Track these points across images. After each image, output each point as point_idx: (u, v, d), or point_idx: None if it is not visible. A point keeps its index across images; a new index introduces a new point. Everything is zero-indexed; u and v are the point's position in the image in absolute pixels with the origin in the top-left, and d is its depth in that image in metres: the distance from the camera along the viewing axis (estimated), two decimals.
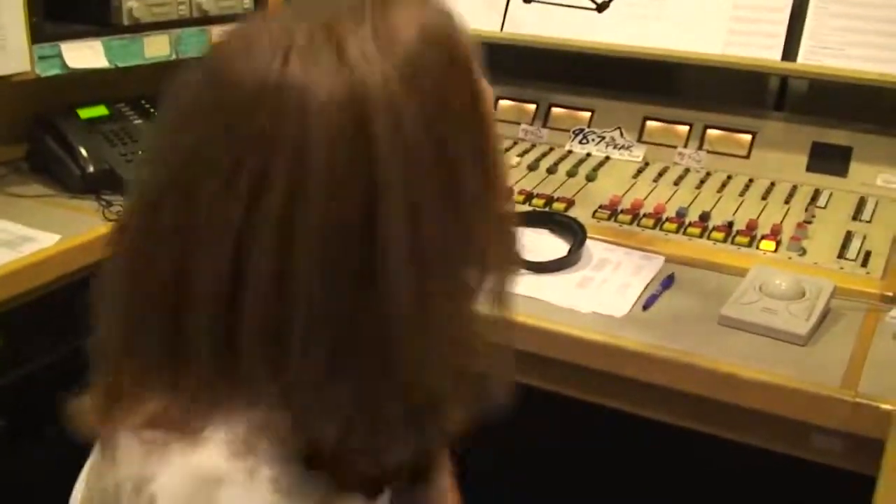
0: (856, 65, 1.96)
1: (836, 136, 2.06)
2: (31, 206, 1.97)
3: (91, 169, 2.03)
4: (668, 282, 1.71)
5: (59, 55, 2.04)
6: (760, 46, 2.02)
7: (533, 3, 1.80)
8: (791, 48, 2.01)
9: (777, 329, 1.53)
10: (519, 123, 2.33)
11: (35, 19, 2.00)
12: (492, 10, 2.24)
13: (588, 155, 2.21)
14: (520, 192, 2.03)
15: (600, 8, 1.77)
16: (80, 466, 0.93)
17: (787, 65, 2.00)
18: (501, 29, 2.22)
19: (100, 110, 2.17)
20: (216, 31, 2.27)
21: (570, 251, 1.77)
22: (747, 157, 2.10)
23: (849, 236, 1.83)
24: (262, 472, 0.79)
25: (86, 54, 2.09)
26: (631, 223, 1.91)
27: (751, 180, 2.05)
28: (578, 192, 2.05)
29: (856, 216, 1.90)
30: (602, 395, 1.59)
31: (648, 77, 2.25)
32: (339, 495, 0.83)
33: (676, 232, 1.87)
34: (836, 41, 1.97)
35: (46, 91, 2.10)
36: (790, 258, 1.78)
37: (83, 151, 2.05)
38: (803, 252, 1.79)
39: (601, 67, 2.24)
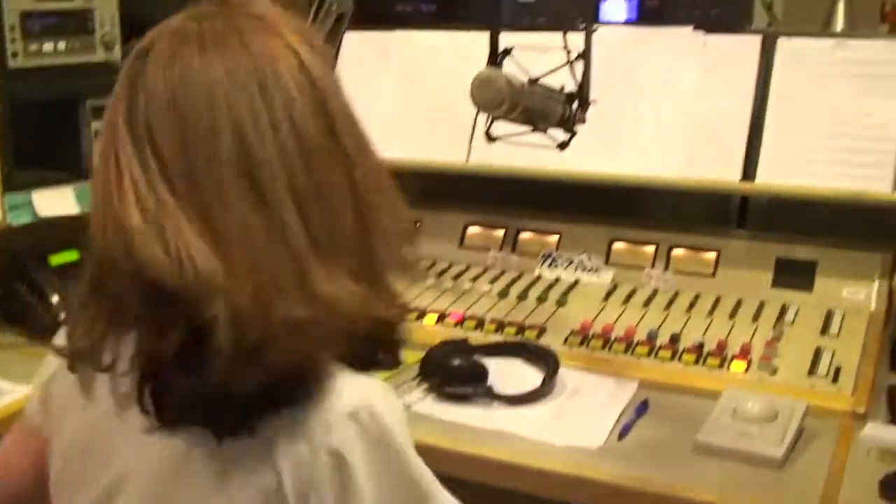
0: (813, 182, 2.00)
1: (800, 251, 2.09)
2: (2, 355, 1.97)
3: (63, 316, 2.03)
4: (642, 408, 1.71)
5: (31, 203, 2.07)
6: (720, 167, 2.07)
7: (496, 143, 1.84)
8: (750, 167, 2.06)
9: (752, 453, 1.54)
10: (488, 250, 2.36)
11: (6, 169, 2.03)
12: (457, 143, 2.28)
13: (557, 279, 2.23)
14: (491, 321, 2.05)
15: (562, 146, 1.81)
16: None
17: (747, 185, 2.05)
18: (467, 160, 2.27)
19: (71, 255, 2.18)
20: None
21: (543, 382, 1.77)
22: (713, 275, 2.13)
23: (818, 352, 1.84)
24: None
25: (57, 202, 2.12)
26: (603, 348, 1.92)
27: (718, 299, 2.07)
28: (549, 318, 2.06)
29: (823, 331, 1.92)
30: None
31: (613, 200, 2.29)
32: None
33: (648, 355, 1.88)
34: (794, 159, 2.02)
35: (17, 237, 2.11)
36: (761, 378, 1.79)
37: (55, 299, 2.05)
38: (774, 371, 1.80)
39: (567, 192, 2.28)
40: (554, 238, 2.32)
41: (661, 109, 2.15)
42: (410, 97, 2.39)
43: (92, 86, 2.15)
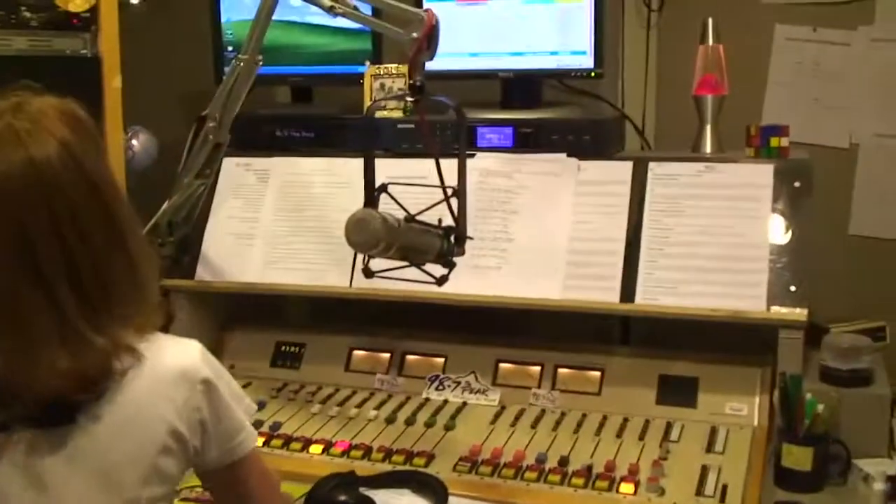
0: (690, 301, 2.05)
1: (682, 368, 2.13)
2: None
3: None
4: None
5: None
6: (598, 289, 2.10)
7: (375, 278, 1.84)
8: (628, 289, 2.09)
9: None
10: (374, 374, 2.33)
11: None
12: (339, 267, 2.28)
13: (445, 402, 2.21)
14: (379, 450, 2.01)
15: (440, 282, 1.82)
16: None
17: (626, 306, 2.08)
18: (350, 285, 2.26)
19: None
20: None
21: None
22: (598, 393, 2.15)
23: (704, 471, 1.86)
24: None
25: None
26: (492, 475, 1.90)
27: (605, 417, 2.08)
28: (438, 443, 2.04)
29: (709, 448, 1.95)
30: None
31: (498, 320, 2.30)
32: None
33: (537, 480, 1.87)
34: (669, 280, 2.07)
35: None
36: (650, 500, 1.80)
37: None
38: (662, 492, 1.81)
39: (451, 314, 2.27)
40: (440, 360, 2.31)
41: (538, 233, 2.19)
42: (291, 221, 2.37)
43: None
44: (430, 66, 1.88)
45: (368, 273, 1.82)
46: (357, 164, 2.33)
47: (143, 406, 1.31)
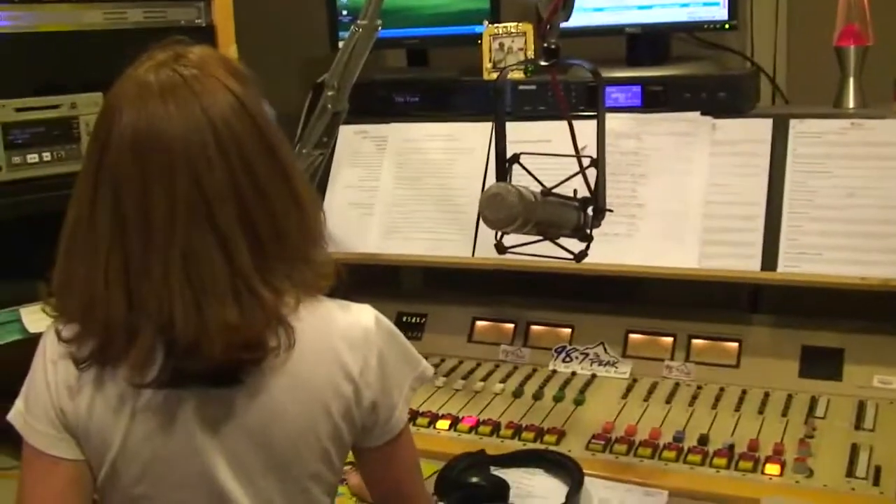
0: (835, 269, 1.92)
1: (826, 339, 2.01)
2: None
3: None
4: None
5: (19, 320, 1.98)
6: (738, 257, 1.99)
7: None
8: (769, 256, 1.97)
9: None
10: (498, 344, 2.27)
11: None
12: (461, 235, 2.21)
13: (573, 374, 2.14)
14: (508, 426, 1.95)
15: (578, 258, 1.72)
16: None
17: (768, 274, 1.96)
18: (473, 254, 2.19)
19: None
20: None
21: (567, 497, 1.67)
22: (737, 365, 2.04)
23: (855, 450, 1.75)
24: None
25: (47, 317, 2.03)
26: (627, 453, 1.82)
27: (744, 391, 1.98)
28: (568, 419, 1.97)
29: (858, 425, 1.83)
30: None
31: (626, 288, 2.21)
32: None
33: (676, 460, 1.78)
34: (814, 246, 1.95)
35: (5, 355, 2.02)
36: (797, 482, 1.69)
37: None
38: (810, 473, 1.71)
39: (577, 282, 2.19)
40: (567, 331, 2.23)
41: (671, 197, 2.08)
42: (411, 189, 2.31)
43: None
44: None
45: (501, 249, 1.74)
46: (478, 128, 2.29)
47: (312, 374, 1.26)
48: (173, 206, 1.15)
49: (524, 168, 1.76)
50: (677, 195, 2.08)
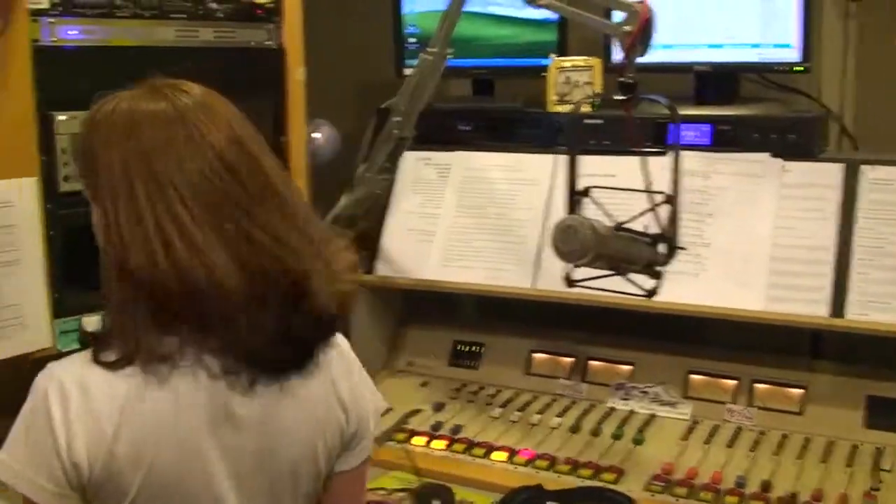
0: None
1: (892, 390, 1.97)
2: None
3: None
4: None
5: (81, 328, 1.99)
6: (805, 302, 1.96)
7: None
8: (837, 302, 1.94)
9: None
10: (556, 378, 2.25)
11: (56, 294, 1.95)
12: (521, 266, 2.20)
13: (632, 412, 2.11)
14: (565, 461, 1.93)
15: (650, 294, 1.71)
16: None
17: (837, 321, 1.93)
18: (532, 285, 2.17)
19: None
20: None
21: None
22: (800, 412, 2.01)
23: None
24: None
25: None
26: (688, 497, 1.79)
27: (807, 439, 1.94)
28: (626, 458, 1.94)
29: None
30: None
31: (688, 329, 2.18)
32: None
33: None
34: (883, 295, 1.91)
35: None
36: None
37: None
38: None
39: (639, 318, 2.16)
40: (627, 368, 2.21)
41: (738, 238, 2.05)
42: (472, 218, 2.30)
43: None
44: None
45: (570, 282, 1.73)
46: (541, 160, 2.28)
47: (312, 396, 1.30)
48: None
49: (595, 202, 1.74)
50: (744, 236, 2.05)
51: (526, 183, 2.27)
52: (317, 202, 2.41)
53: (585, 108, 2.28)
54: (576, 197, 1.72)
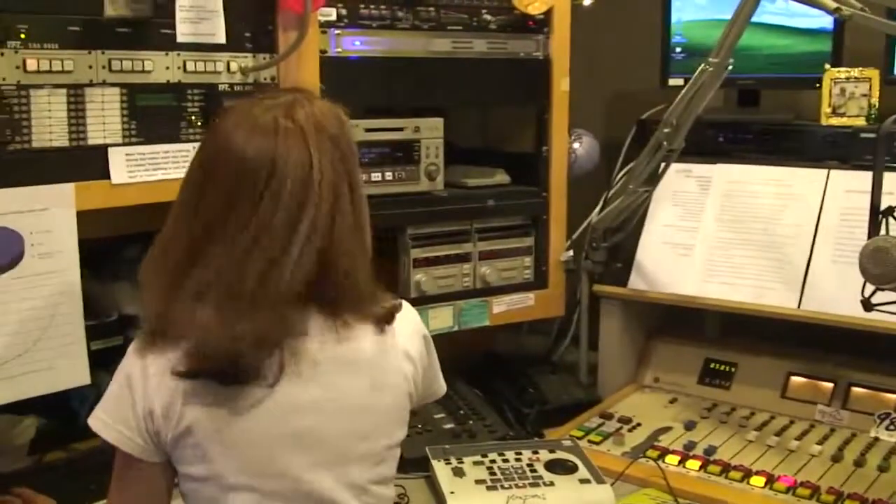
0: None
1: None
2: None
3: None
4: None
5: None
6: None
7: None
8: None
9: None
10: (814, 403, 2.17)
11: None
12: (787, 285, 2.12)
13: None
14: (828, 491, 1.85)
15: None
16: None
17: None
18: (798, 306, 2.10)
19: None
20: None
21: None
22: None
23: None
24: None
25: None
26: None
27: None
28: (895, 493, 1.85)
29: None
30: None
31: None
32: None
33: None
34: None
35: None
36: None
37: None
38: None
39: None
40: (892, 396, 2.10)
41: None
42: (734, 233, 2.25)
43: (413, 215, 2.16)
44: None
45: (868, 305, 1.65)
46: (811, 175, 2.20)
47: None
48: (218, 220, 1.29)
49: None
50: None
51: (794, 198, 2.20)
52: (573, 212, 2.44)
53: (859, 122, 2.19)
54: (878, 216, 1.64)
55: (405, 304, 1.47)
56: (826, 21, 2.28)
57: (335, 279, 1.32)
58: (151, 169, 1.76)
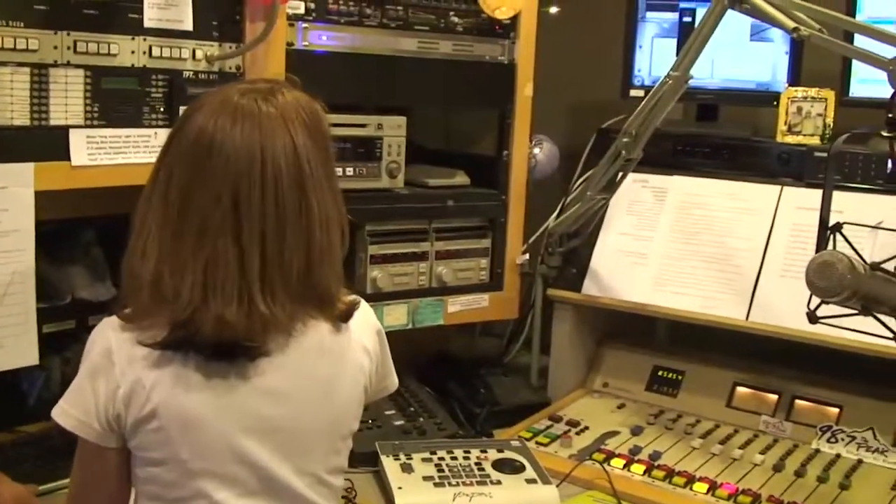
0: None
1: None
2: None
3: None
4: None
5: None
6: None
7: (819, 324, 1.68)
8: None
9: None
10: (759, 414, 2.21)
11: None
12: (737, 297, 2.16)
13: (838, 456, 2.05)
14: (769, 499, 1.89)
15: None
16: None
17: None
18: (747, 318, 2.14)
19: None
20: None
21: None
22: None
23: None
24: None
25: None
26: None
27: None
28: (832, 502, 1.89)
29: None
30: None
31: None
32: None
33: None
34: None
35: None
36: None
37: None
38: None
39: (851, 360, 2.09)
40: (834, 410, 2.15)
41: None
42: (687, 244, 2.29)
43: (372, 211, 2.18)
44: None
45: (813, 318, 1.68)
46: (765, 190, 2.25)
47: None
48: (211, 215, 1.29)
49: (846, 239, 1.69)
50: None
51: (747, 212, 2.24)
52: (530, 216, 2.47)
53: (812, 141, 2.24)
54: (826, 232, 1.67)
55: (362, 301, 1.48)
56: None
57: (314, 271, 1.34)
58: (112, 153, 1.76)
